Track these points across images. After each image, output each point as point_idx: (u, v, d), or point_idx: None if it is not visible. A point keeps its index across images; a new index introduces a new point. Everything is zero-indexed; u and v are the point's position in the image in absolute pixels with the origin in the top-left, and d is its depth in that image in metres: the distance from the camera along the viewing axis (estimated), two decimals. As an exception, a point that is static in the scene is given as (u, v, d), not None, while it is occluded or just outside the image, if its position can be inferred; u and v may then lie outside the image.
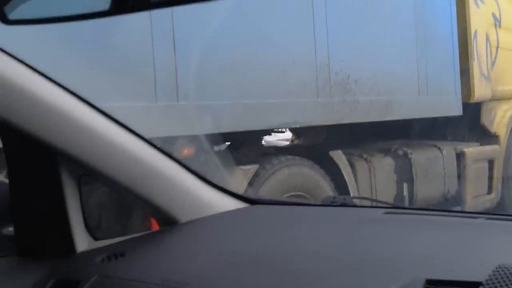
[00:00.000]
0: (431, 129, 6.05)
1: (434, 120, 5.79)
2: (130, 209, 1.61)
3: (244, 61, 3.77)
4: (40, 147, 1.38)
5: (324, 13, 4.21)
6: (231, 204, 1.69)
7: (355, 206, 1.95)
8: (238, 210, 1.70)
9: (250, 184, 3.85)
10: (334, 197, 2.16)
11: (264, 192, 3.92)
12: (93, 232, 1.52)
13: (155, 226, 1.71)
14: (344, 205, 1.88)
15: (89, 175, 1.49)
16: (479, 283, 1.06)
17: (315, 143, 5.27)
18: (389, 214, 1.73)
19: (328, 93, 4.26)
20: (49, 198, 1.46)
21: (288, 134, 5.94)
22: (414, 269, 1.22)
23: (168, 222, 1.58)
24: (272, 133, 5.37)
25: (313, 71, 4.15)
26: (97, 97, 1.49)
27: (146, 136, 1.54)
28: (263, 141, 4.93)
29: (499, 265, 1.09)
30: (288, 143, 5.94)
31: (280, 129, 5.14)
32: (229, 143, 4.23)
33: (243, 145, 4.23)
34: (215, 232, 1.58)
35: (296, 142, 5.88)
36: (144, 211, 1.61)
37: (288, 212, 1.79)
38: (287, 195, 4.10)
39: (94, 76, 2.90)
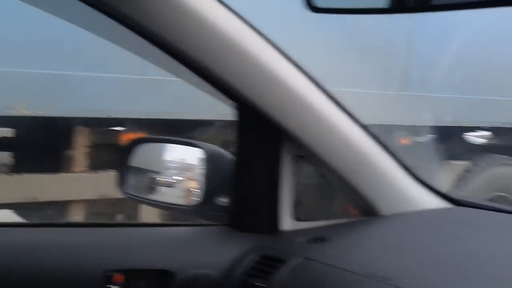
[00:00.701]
0: None
1: None
2: (333, 193, 1.63)
3: (482, 60, 3.87)
4: (269, 125, 1.45)
5: None
6: (435, 202, 1.66)
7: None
8: (443, 210, 1.66)
9: (460, 179, 3.93)
10: None
11: (471, 187, 3.96)
12: (296, 213, 1.56)
13: (353, 214, 1.70)
14: None
15: (303, 156, 1.54)
16: None
17: None
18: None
19: None
20: (266, 175, 1.53)
21: (490, 133, 5.77)
22: None
23: (369, 212, 1.59)
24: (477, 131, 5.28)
25: None
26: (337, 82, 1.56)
27: (366, 121, 1.56)
28: (471, 138, 4.90)
29: None
30: (496, 142, 5.77)
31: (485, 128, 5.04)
32: (442, 136, 4.26)
33: (454, 140, 4.25)
34: (420, 230, 1.56)
35: (499, 141, 5.70)
36: (347, 198, 1.62)
37: (495, 218, 1.72)
38: (492, 194, 4.09)
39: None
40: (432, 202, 1.65)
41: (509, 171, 4.16)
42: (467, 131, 4.38)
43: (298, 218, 1.56)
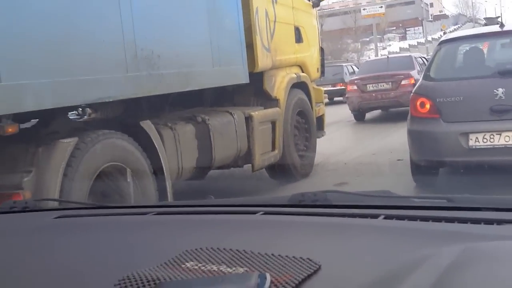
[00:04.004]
0: (222, 96, 6.64)
1: (224, 88, 6.25)
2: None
3: (57, 41, 3.81)
4: None
5: None
6: None
7: (25, 211, 1.88)
8: None
9: (72, 156, 3.91)
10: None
11: (86, 163, 4.00)
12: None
13: None
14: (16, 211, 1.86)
15: None
16: None
17: (116, 115, 5.48)
18: (60, 218, 1.73)
19: (136, 68, 4.48)
20: None
21: (86, 110, 6.21)
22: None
23: None
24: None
25: (121, 48, 4.33)
26: None
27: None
28: (70, 117, 5.05)
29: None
30: (96, 117, 6.09)
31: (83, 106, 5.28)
32: (38, 119, 4.33)
33: (53, 122, 4.30)
34: None
35: (96, 116, 6.09)
36: None
37: None
38: (107, 164, 4.23)
39: None
40: None
41: (111, 143, 4.33)
42: (62, 112, 4.36)
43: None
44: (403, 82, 13.92)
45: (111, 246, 1.44)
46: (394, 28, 72.09)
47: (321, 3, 9.07)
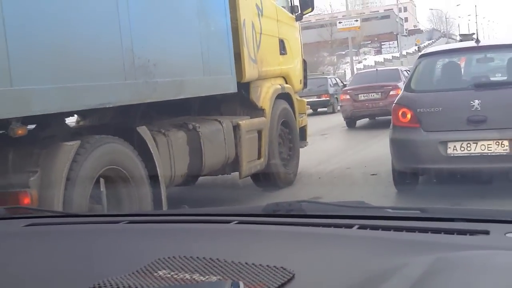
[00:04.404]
0: (209, 105, 6.80)
1: (211, 97, 6.39)
2: None
3: (62, 49, 3.98)
4: None
5: (126, 2, 4.58)
6: None
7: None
8: None
9: (75, 157, 4.08)
10: None
11: (88, 165, 4.17)
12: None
13: None
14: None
15: None
16: None
17: (103, 122, 5.63)
18: (30, 226, 1.70)
19: (133, 76, 4.65)
20: None
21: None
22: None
23: None
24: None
25: (120, 56, 4.51)
26: None
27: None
28: (68, 122, 5.16)
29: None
30: (89, 123, 6.16)
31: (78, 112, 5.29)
32: (36, 124, 4.43)
33: (50, 127, 4.44)
34: None
35: (85, 122, 6.22)
36: None
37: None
38: (105, 168, 4.39)
39: None
40: None
41: (110, 147, 4.49)
42: (60, 118, 4.50)
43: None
44: (391, 93, 14.96)
45: (82, 254, 1.42)
46: (370, 42, 72.86)
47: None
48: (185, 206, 2.02)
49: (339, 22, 47.01)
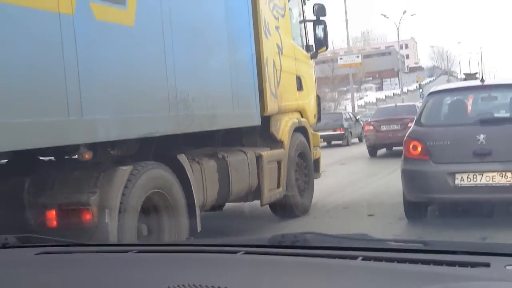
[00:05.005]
0: (232, 137, 7.29)
1: (236, 129, 6.89)
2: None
3: (120, 85, 4.52)
4: None
5: (170, 42, 5.12)
6: None
7: (5, 247, 1.86)
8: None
9: (129, 179, 4.57)
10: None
11: (138, 187, 4.66)
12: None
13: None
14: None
15: None
16: None
17: (130, 153, 5.82)
18: (42, 255, 1.71)
19: (175, 108, 5.18)
20: None
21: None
22: None
23: None
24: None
25: (165, 91, 5.07)
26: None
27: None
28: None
29: None
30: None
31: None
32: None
33: (104, 152, 4.93)
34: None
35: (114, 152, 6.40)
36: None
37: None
38: (151, 191, 4.89)
39: None
40: None
41: (156, 172, 4.97)
42: (108, 145, 4.90)
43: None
44: (409, 125, 15.90)
45: (92, 283, 1.44)
46: (371, 78, 73.52)
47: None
48: (191, 237, 2.08)
49: (340, 58, 47.34)
